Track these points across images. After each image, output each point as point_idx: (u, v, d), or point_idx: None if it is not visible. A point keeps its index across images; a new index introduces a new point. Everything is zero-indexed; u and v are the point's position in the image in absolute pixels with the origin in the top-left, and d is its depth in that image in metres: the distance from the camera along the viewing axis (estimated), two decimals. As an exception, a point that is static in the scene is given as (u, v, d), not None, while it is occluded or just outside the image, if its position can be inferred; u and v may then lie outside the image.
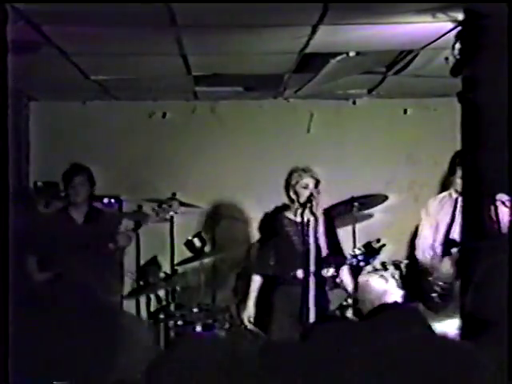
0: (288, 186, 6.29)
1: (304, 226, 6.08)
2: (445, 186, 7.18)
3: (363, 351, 2.09)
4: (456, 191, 6.37)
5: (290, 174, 6.31)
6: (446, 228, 6.37)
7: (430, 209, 6.64)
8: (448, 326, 5.01)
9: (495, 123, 4.45)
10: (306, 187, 6.25)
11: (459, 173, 6.09)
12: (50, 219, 6.82)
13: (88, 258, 6.31)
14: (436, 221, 6.53)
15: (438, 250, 6.46)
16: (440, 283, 6.15)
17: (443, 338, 2.11)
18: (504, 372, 2.03)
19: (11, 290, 2.41)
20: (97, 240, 6.46)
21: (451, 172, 6.54)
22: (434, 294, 6.19)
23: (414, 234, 6.88)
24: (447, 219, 6.38)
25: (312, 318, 5.91)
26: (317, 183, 6.26)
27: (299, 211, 6.19)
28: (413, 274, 7.08)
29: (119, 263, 7.08)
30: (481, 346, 2.05)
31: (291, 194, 6.26)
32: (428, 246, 6.57)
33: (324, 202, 6.37)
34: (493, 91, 4.45)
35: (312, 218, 6.09)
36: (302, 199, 6.19)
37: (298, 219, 6.18)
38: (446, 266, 6.20)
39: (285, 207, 6.46)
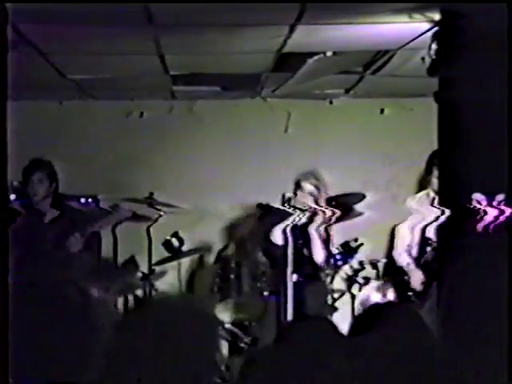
0: (296, 186, 6.40)
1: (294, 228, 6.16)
2: (422, 185, 7.20)
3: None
4: (433, 191, 6.40)
5: (298, 179, 6.41)
6: (423, 227, 6.39)
7: (409, 207, 6.67)
8: None
9: (472, 123, 4.48)
10: (309, 193, 6.34)
11: (436, 172, 6.13)
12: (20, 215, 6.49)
13: (55, 259, 6.04)
14: (413, 220, 6.56)
15: (415, 250, 6.48)
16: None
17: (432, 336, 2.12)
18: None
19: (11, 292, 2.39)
20: (62, 240, 6.17)
21: (428, 171, 6.57)
22: (410, 293, 6.23)
23: (392, 233, 6.89)
24: (423, 220, 6.40)
25: (290, 318, 5.93)
26: (318, 190, 6.35)
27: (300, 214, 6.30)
28: (390, 273, 7.11)
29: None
30: (463, 345, 2.07)
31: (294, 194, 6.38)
32: (405, 247, 6.59)
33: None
34: (469, 91, 4.48)
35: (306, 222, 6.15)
36: (299, 204, 6.30)
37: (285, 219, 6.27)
38: (419, 277, 6.25)
39: (264, 205, 6.51)
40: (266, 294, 6.33)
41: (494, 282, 2.45)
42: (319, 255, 6.32)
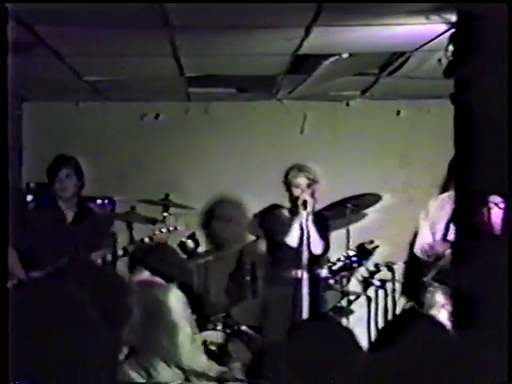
0: (285, 183, 6.37)
1: (298, 225, 6.13)
2: (444, 189, 7.18)
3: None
4: (454, 193, 6.36)
5: (287, 173, 6.38)
6: (444, 229, 6.36)
7: (431, 209, 6.64)
8: None
9: (488, 124, 4.45)
10: (298, 186, 6.30)
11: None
12: (39, 215, 6.28)
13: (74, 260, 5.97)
14: (435, 221, 6.53)
15: (434, 252, 6.45)
16: (435, 284, 6.17)
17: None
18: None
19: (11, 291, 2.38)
20: (85, 242, 6.05)
21: (450, 176, 6.53)
22: (428, 295, 6.21)
23: (415, 234, 6.87)
24: (445, 220, 6.37)
25: (305, 316, 5.91)
26: (311, 183, 6.31)
27: (294, 210, 6.28)
28: (409, 275, 7.09)
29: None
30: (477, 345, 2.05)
31: (287, 191, 6.35)
32: (424, 248, 6.56)
33: (320, 201, 6.42)
34: (486, 92, 4.45)
35: (305, 218, 6.10)
36: (295, 198, 6.27)
37: (293, 218, 6.25)
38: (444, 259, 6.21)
39: (278, 206, 6.50)
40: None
41: (507, 283, 2.44)
42: (317, 249, 6.30)
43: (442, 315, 5.66)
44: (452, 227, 6.07)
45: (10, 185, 3.23)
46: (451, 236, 6.04)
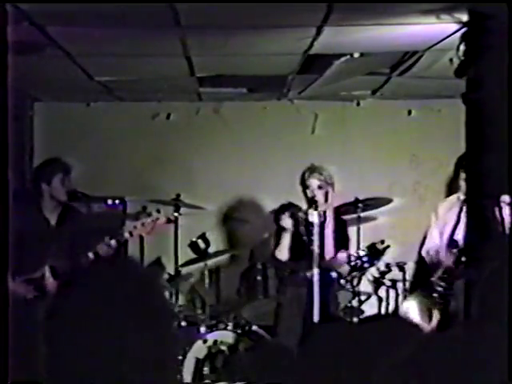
0: (301, 184, 6.42)
1: (310, 225, 6.14)
2: (450, 188, 7.17)
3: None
4: (463, 194, 6.36)
5: (303, 173, 6.43)
6: (452, 230, 6.36)
7: (439, 211, 6.64)
8: None
9: (500, 124, 4.45)
10: (309, 187, 6.33)
11: (462, 175, 6.10)
12: (23, 219, 6.04)
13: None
14: (443, 223, 6.53)
15: (443, 251, 6.45)
16: (441, 283, 6.16)
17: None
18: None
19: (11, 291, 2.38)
20: (69, 245, 5.80)
21: (456, 175, 6.53)
22: (435, 295, 6.20)
23: (424, 235, 6.86)
24: (453, 221, 6.37)
25: (316, 319, 5.91)
26: (323, 184, 6.33)
27: (308, 210, 6.30)
28: (417, 275, 7.08)
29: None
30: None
31: (303, 192, 6.40)
32: (433, 246, 6.56)
33: (335, 202, 6.45)
34: (497, 92, 4.45)
35: (319, 218, 6.10)
36: (308, 198, 6.30)
37: (310, 218, 6.26)
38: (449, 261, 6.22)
39: (293, 205, 6.52)
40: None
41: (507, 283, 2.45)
42: (330, 251, 6.33)
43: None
44: (460, 228, 6.09)
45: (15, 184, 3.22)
46: (459, 237, 6.06)
